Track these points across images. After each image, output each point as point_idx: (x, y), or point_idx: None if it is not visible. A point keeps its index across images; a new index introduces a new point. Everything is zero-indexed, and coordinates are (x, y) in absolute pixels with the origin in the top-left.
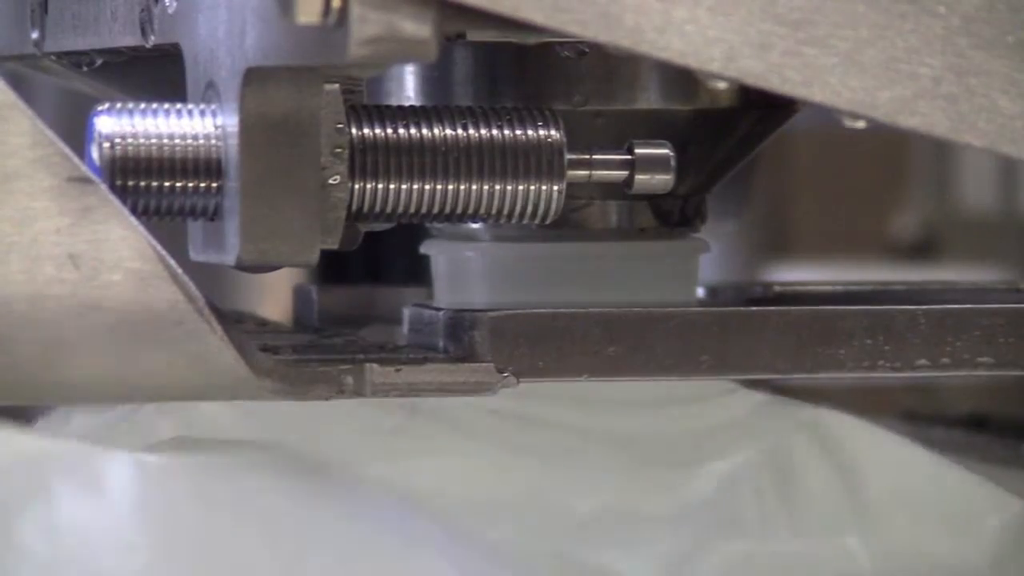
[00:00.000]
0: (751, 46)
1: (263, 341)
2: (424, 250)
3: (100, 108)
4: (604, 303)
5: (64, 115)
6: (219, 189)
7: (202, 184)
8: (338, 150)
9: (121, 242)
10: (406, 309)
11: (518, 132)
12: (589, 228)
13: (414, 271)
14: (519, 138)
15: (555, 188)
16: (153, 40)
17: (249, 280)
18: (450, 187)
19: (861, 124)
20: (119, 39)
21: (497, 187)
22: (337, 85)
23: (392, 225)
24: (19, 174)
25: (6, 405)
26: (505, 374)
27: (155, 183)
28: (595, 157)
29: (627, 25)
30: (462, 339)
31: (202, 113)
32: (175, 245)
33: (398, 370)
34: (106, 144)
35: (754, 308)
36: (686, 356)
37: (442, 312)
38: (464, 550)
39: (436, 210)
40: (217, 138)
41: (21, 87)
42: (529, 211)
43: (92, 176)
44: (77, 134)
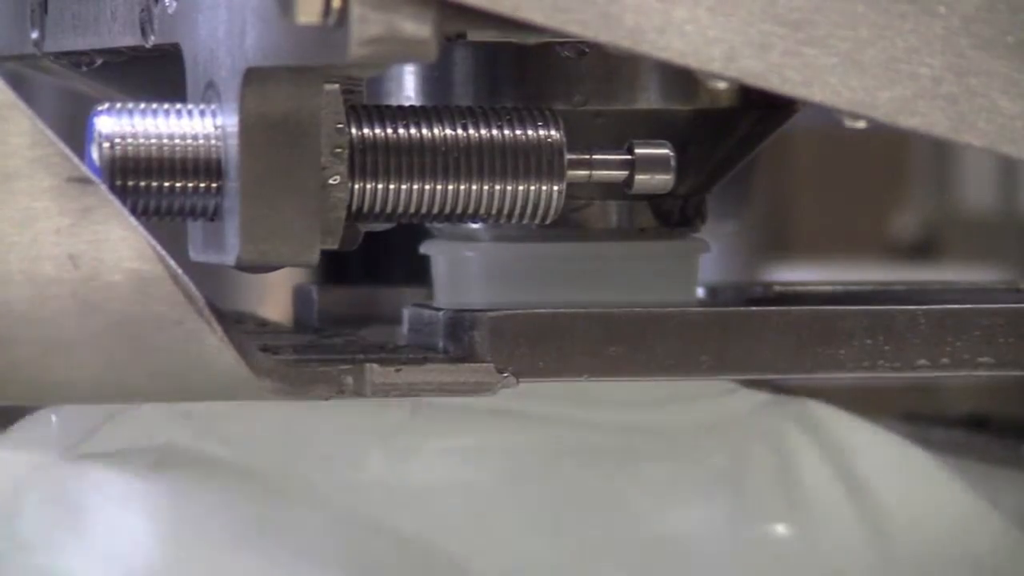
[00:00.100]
0: (751, 46)
1: (263, 341)
2: (424, 250)
3: (100, 108)
4: (604, 303)
5: (64, 115)
6: (219, 189)
7: (202, 184)
8: (338, 150)
9: (121, 242)
10: (406, 309)
11: (518, 132)
12: (589, 228)
13: (414, 271)
14: (519, 138)
15: (555, 188)
16: (153, 40)
17: (249, 280)
18: (450, 187)
19: (861, 124)
20: (119, 39)
21: (497, 187)
22: (337, 85)
23: (392, 225)
24: (19, 174)
25: (6, 405)
26: (505, 374)
27: (155, 183)
28: (595, 157)
29: (627, 25)
30: (462, 339)
31: (202, 113)
32: (175, 245)
33: (398, 370)
34: (106, 144)
35: (754, 308)
36: (686, 356)
37: (442, 312)
38: None
39: (436, 210)
40: (217, 138)
41: (21, 87)
42: (529, 211)
43: (92, 176)
44: (77, 134)
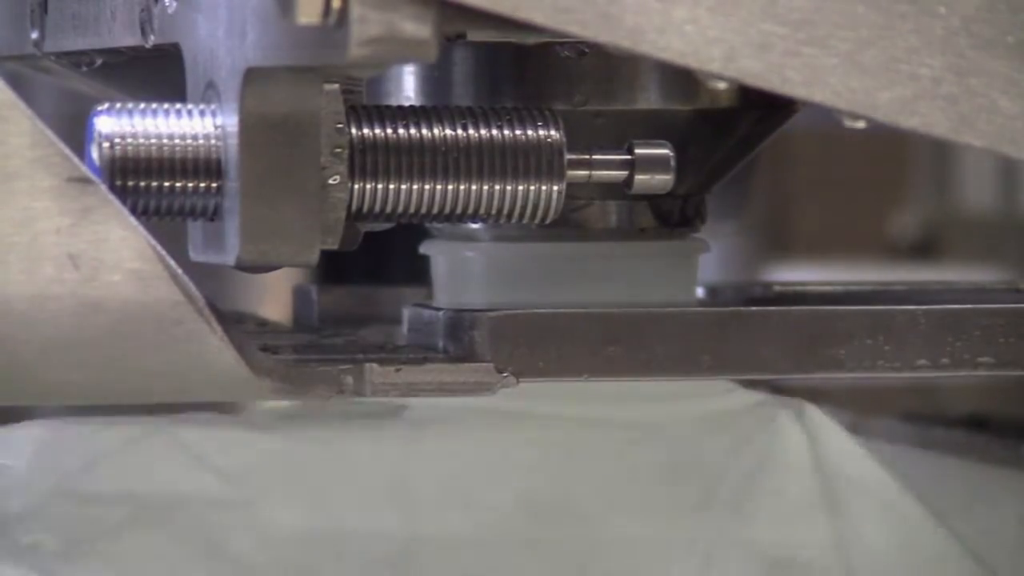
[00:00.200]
0: (751, 46)
1: (263, 341)
2: (424, 250)
3: (100, 108)
4: (604, 303)
5: (64, 115)
6: (219, 189)
7: (202, 184)
8: (338, 150)
9: (121, 242)
10: (406, 309)
11: (518, 132)
12: (589, 228)
13: (414, 271)
14: (519, 138)
15: (555, 188)
16: (153, 40)
17: (249, 280)
18: (450, 187)
19: (861, 124)
20: (119, 39)
21: (497, 187)
22: (337, 85)
23: (392, 225)
24: (19, 174)
25: (6, 405)
26: (505, 374)
27: (155, 183)
28: (595, 157)
29: (627, 25)
30: (462, 339)
31: (202, 113)
32: (175, 245)
33: (398, 370)
34: (106, 144)
35: (754, 308)
36: (686, 356)
37: (442, 312)
38: None
39: (436, 210)
40: (217, 138)
41: (21, 87)
42: (529, 211)
43: (92, 176)
44: (77, 134)
